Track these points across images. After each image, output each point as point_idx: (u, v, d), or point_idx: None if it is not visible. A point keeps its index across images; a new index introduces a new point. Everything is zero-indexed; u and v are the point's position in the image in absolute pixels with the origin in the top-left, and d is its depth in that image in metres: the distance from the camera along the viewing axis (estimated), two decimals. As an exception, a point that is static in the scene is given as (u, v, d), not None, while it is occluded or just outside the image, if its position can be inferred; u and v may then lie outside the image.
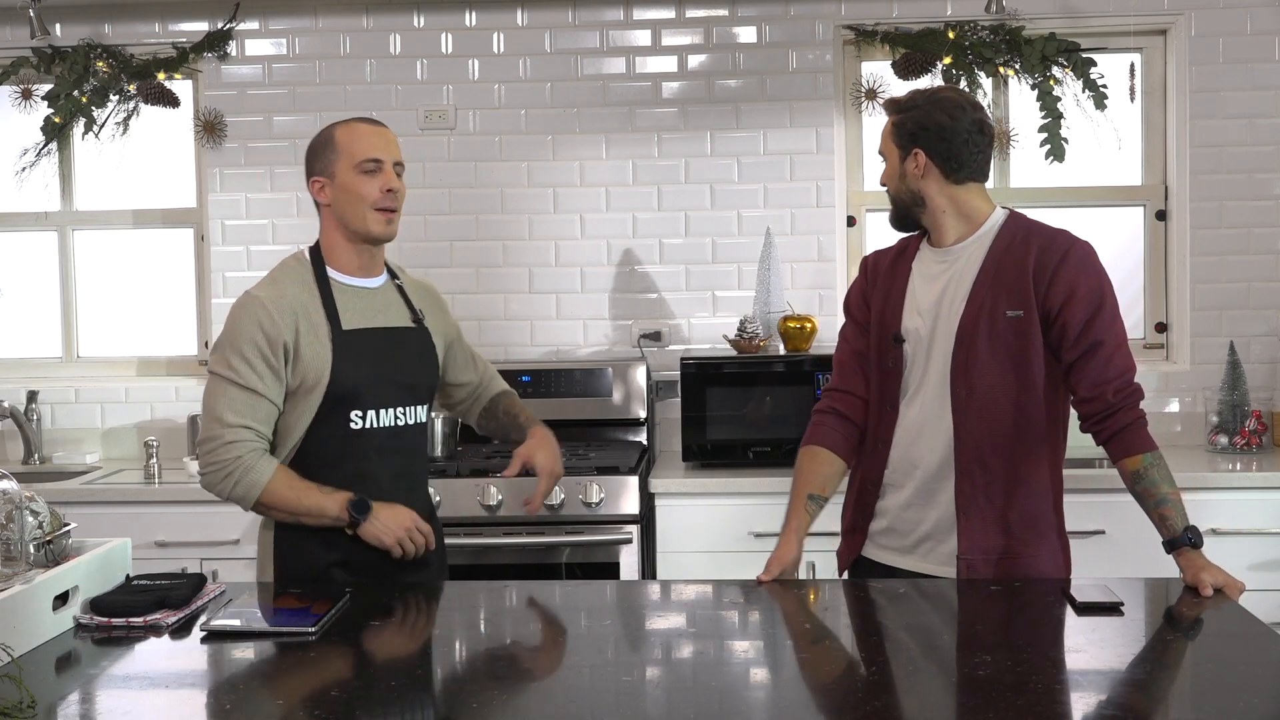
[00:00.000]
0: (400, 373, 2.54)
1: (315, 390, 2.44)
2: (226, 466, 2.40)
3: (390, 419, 2.53)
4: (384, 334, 2.54)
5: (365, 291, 2.55)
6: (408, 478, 2.58)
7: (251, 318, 2.42)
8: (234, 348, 2.42)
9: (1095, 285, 2.39)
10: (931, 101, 2.50)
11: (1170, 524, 2.32)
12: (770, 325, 4.02)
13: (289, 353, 2.42)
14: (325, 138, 2.52)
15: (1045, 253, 2.42)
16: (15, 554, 2.12)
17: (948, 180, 2.49)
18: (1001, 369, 2.42)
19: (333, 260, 2.54)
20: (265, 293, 2.45)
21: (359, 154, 2.47)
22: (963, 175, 2.49)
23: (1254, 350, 4.15)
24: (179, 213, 4.51)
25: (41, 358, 4.55)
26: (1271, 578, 3.55)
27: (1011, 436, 2.43)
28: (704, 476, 3.72)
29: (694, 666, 1.99)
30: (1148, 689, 1.90)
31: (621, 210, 4.29)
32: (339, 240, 2.53)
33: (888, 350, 2.55)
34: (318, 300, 2.47)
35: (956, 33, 4.12)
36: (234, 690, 1.92)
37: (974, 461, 2.44)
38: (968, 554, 2.45)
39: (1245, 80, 4.15)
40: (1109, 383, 2.37)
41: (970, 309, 2.45)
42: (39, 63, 4.33)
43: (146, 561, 3.16)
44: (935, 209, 2.52)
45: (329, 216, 2.53)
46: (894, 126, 2.53)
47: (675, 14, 4.28)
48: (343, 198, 2.49)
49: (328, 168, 2.50)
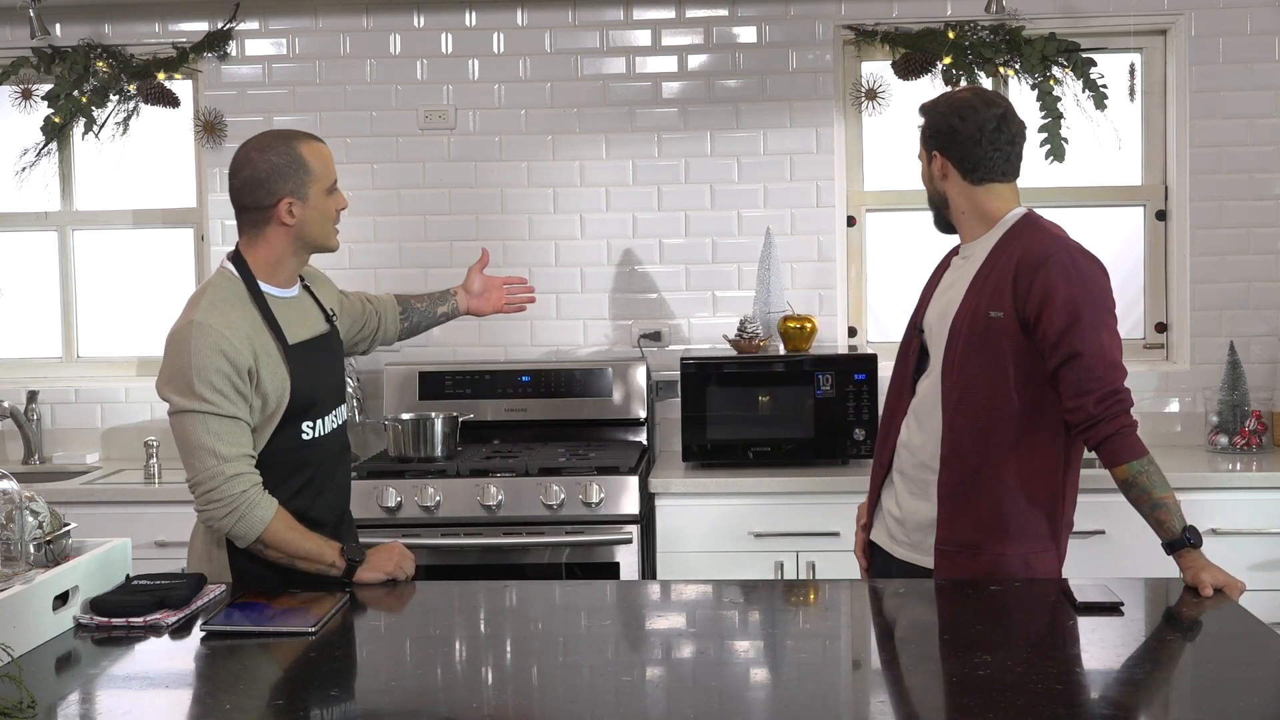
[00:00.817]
0: (334, 376, 2.59)
1: (277, 411, 2.43)
2: (231, 502, 2.36)
3: (332, 423, 2.58)
4: (318, 342, 2.57)
5: (293, 301, 2.55)
6: (344, 475, 2.66)
7: (210, 346, 2.35)
8: (202, 379, 2.34)
9: (1072, 294, 2.37)
10: (948, 104, 2.55)
11: (1168, 527, 2.33)
12: (770, 325, 4.02)
13: (254, 377, 2.39)
14: (292, 157, 2.46)
15: (1024, 258, 2.43)
16: (15, 554, 2.12)
17: (966, 181, 2.54)
18: (980, 368, 2.45)
19: (271, 275, 2.50)
20: (215, 319, 2.38)
21: (328, 176, 2.51)
22: (979, 176, 2.53)
23: (1254, 350, 4.15)
24: (179, 213, 4.51)
25: (41, 358, 4.55)
26: (1271, 578, 3.55)
27: (985, 434, 2.45)
28: (704, 476, 3.72)
29: (694, 666, 1.99)
30: (1148, 689, 1.90)
31: (621, 210, 4.29)
32: (286, 256, 2.50)
33: (911, 339, 2.66)
34: (259, 319, 2.45)
35: (956, 33, 4.12)
36: (234, 690, 1.92)
37: (954, 455, 2.48)
38: (943, 544, 2.49)
39: (1245, 80, 4.15)
40: (1089, 393, 2.35)
41: (963, 308, 2.50)
42: (39, 63, 4.33)
43: (146, 561, 3.15)
44: (956, 209, 2.58)
45: (283, 235, 2.48)
46: (920, 130, 2.61)
47: (675, 14, 4.28)
48: (315, 217, 2.49)
49: (301, 189, 2.46)
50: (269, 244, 2.49)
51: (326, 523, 2.54)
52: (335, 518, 2.60)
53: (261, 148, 2.47)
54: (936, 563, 2.50)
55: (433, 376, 4.17)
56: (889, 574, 2.61)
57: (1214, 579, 2.26)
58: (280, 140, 2.49)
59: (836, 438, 3.79)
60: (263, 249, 2.50)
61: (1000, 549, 2.44)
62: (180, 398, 2.37)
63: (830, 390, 3.78)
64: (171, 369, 2.39)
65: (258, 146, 2.48)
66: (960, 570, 2.46)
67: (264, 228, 2.48)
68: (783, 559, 3.64)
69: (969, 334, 2.47)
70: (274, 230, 2.48)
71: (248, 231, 2.51)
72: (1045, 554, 2.47)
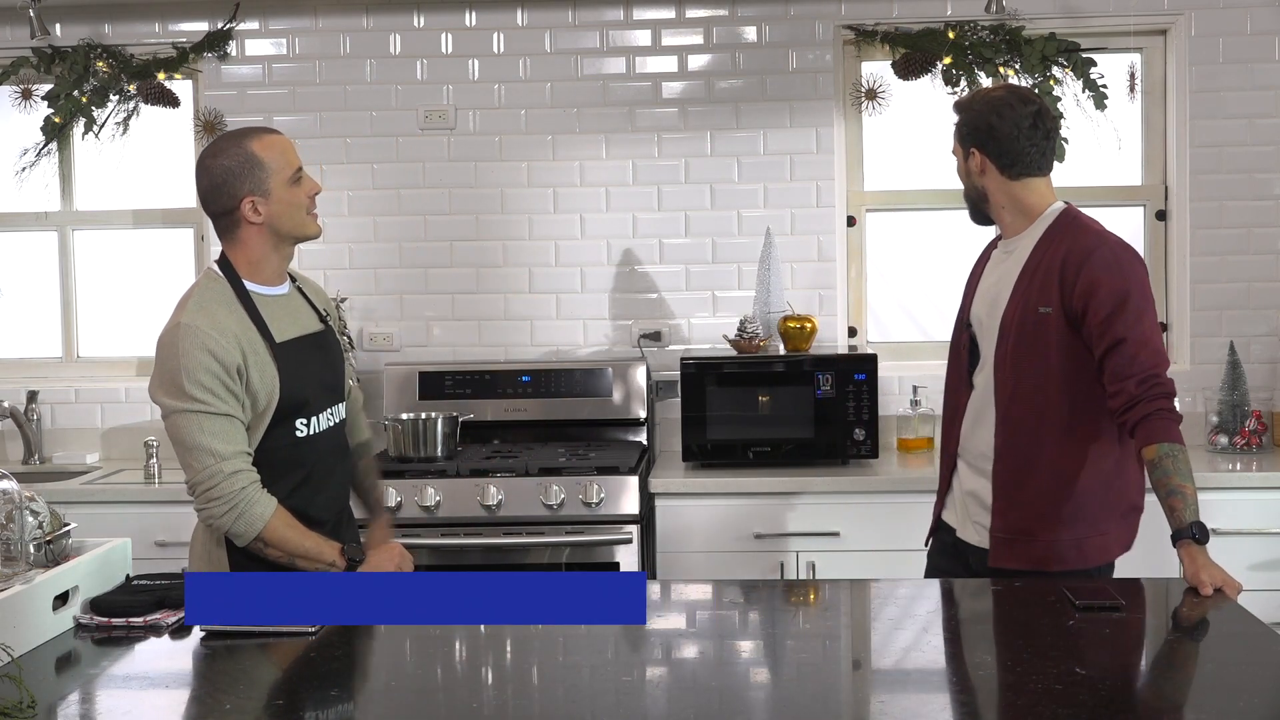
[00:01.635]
0: (327, 374, 2.59)
1: (268, 409, 2.43)
2: (231, 499, 2.36)
3: (328, 421, 2.58)
4: (309, 340, 2.57)
5: (281, 299, 2.55)
6: (343, 474, 2.66)
7: (198, 346, 2.36)
8: (191, 379, 2.35)
9: (1117, 286, 2.49)
10: (985, 102, 2.67)
11: (1178, 515, 2.36)
12: (770, 325, 4.02)
13: (243, 377, 2.40)
14: (244, 157, 2.45)
15: (1071, 253, 2.54)
16: (15, 554, 2.12)
17: (1004, 176, 2.65)
18: (1031, 362, 2.56)
19: (254, 274, 2.50)
20: (201, 320, 2.39)
21: (288, 166, 2.49)
22: (1018, 171, 2.64)
23: (1254, 350, 4.15)
24: (179, 213, 4.51)
25: (41, 358, 4.55)
26: (1271, 578, 3.55)
27: (1037, 426, 2.57)
28: (704, 476, 3.72)
29: (694, 666, 1.99)
30: (1148, 689, 1.90)
31: (621, 210, 4.29)
32: (266, 252, 2.51)
33: (962, 332, 2.77)
34: (246, 318, 2.45)
35: (956, 33, 4.12)
36: (234, 690, 1.92)
37: (1007, 446, 2.60)
38: (998, 531, 2.61)
39: (1245, 80, 4.15)
40: (1131, 377, 2.43)
41: (1013, 302, 2.60)
42: (39, 63, 4.33)
43: (146, 561, 3.15)
44: (996, 204, 2.69)
45: (256, 232, 2.48)
46: (956, 128, 2.72)
47: (675, 14, 4.28)
48: (282, 210, 2.48)
49: (260, 185, 2.45)
50: (245, 245, 2.50)
51: (325, 521, 2.55)
52: (334, 516, 2.61)
53: (214, 153, 2.48)
54: (992, 549, 2.60)
55: (433, 376, 4.17)
56: (953, 553, 2.74)
57: (1213, 578, 2.27)
58: (230, 142, 2.49)
59: (837, 438, 3.79)
60: (241, 250, 2.50)
61: (1052, 535, 2.55)
62: (172, 400, 2.38)
63: (830, 390, 3.78)
64: (162, 372, 2.40)
65: (211, 153, 2.49)
66: (1016, 556, 2.58)
67: (235, 230, 2.49)
68: (783, 559, 3.65)
69: (1019, 329, 2.57)
70: (246, 231, 2.49)
71: (224, 235, 2.53)
72: (1098, 538, 2.57)
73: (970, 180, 2.70)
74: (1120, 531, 2.60)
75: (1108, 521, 2.58)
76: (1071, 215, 2.65)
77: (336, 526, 2.60)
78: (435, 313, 4.34)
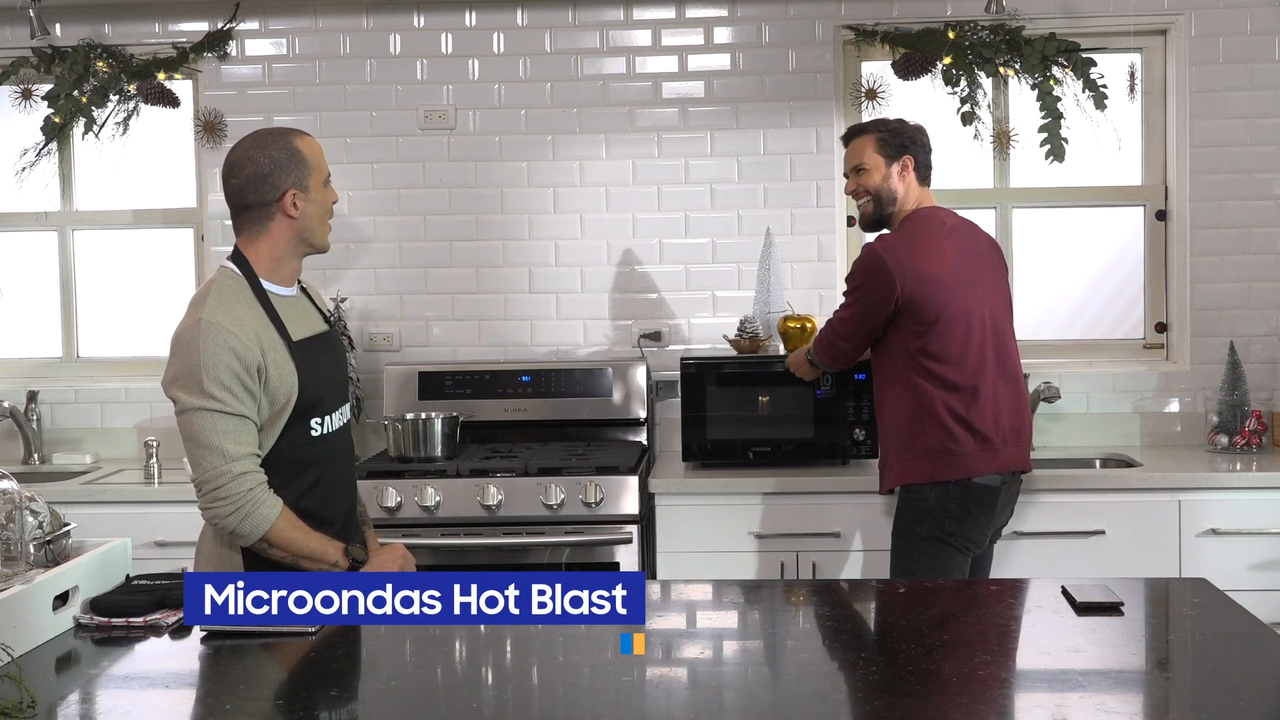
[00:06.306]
0: (337, 374, 2.61)
1: (285, 408, 2.43)
2: (237, 500, 2.35)
3: (339, 421, 2.59)
4: (321, 339, 2.58)
5: (292, 299, 2.56)
6: (351, 474, 2.68)
7: (220, 344, 2.35)
8: (211, 376, 2.34)
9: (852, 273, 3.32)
10: (905, 124, 3.33)
11: None
12: (770, 325, 4.02)
13: (263, 375, 2.39)
14: (291, 151, 2.47)
15: None
16: (15, 554, 2.12)
17: (919, 182, 3.31)
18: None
19: (273, 273, 2.50)
20: (223, 317, 2.38)
21: (324, 168, 2.52)
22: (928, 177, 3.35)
23: (1254, 350, 4.15)
24: (179, 213, 4.51)
25: (41, 358, 4.55)
26: (1271, 578, 3.55)
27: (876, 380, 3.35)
28: (704, 476, 3.72)
29: (694, 666, 1.99)
30: (1148, 689, 1.90)
31: (621, 210, 4.29)
32: (287, 253, 2.51)
33: None
34: (265, 317, 2.45)
35: (956, 33, 4.12)
36: (234, 690, 1.92)
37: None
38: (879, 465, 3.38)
39: (1245, 80, 4.15)
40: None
41: None
42: (39, 63, 4.33)
43: (146, 561, 3.16)
44: (901, 205, 3.30)
45: (287, 228, 2.48)
46: (878, 141, 3.29)
47: (675, 14, 4.28)
48: (315, 211, 2.50)
49: (303, 181, 2.47)
50: (272, 239, 2.49)
51: (334, 521, 2.54)
52: (342, 516, 2.60)
53: (260, 145, 2.48)
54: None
55: (433, 376, 4.17)
56: None
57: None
58: (276, 136, 2.50)
59: (836, 438, 3.79)
60: (265, 245, 2.49)
61: (891, 463, 3.27)
62: (189, 396, 2.36)
63: (830, 390, 3.78)
64: (179, 367, 2.38)
65: (256, 144, 2.48)
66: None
67: (267, 223, 2.48)
68: (783, 559, 3.65)
69: None
70: (278, 225, 2.48)
71: (248, 230, 2.50)
72: (914, 460, 3.20)
73: (886, 184, 3.29)
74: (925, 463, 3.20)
75: (917, 449, 3.19)
76: (911, 215, 3.33)
77: (345, 526, 2.60)
78: (435, 313, 4.34)
